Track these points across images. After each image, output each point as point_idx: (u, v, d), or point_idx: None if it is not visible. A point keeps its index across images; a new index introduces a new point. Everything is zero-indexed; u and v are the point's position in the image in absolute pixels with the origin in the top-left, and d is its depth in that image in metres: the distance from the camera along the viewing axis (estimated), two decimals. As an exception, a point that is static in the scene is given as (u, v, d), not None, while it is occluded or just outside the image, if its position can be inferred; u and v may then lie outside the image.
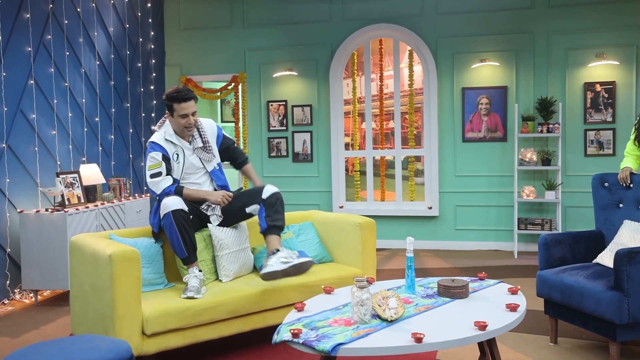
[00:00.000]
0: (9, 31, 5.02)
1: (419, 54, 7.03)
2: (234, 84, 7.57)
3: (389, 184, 7.36)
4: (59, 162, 5.60)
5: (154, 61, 7.48)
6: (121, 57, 6.79)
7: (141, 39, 7.21)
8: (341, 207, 7.30)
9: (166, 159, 3.69)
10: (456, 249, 6.96)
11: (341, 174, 7.35)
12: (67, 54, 5.77)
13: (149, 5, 7.38)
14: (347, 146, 7.40)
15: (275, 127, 7.49)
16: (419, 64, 7.09)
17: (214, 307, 3.33)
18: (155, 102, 7.50)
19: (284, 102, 7.44)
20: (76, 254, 3.50)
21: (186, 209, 3.53)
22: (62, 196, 5.04)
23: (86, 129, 6.07)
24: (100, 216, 5.29)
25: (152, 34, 7.45)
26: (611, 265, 3.53)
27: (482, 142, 6.86)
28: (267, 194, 3.70)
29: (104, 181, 5.72)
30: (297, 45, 7.39)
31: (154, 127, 3.89)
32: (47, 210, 4.94)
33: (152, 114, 7.45)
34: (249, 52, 7.53)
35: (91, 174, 5.57)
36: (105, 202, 5.51)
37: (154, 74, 7.49)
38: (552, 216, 6.65)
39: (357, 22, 7.17)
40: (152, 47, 7.45)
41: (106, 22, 6.49)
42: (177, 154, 3.75)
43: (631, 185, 3.86)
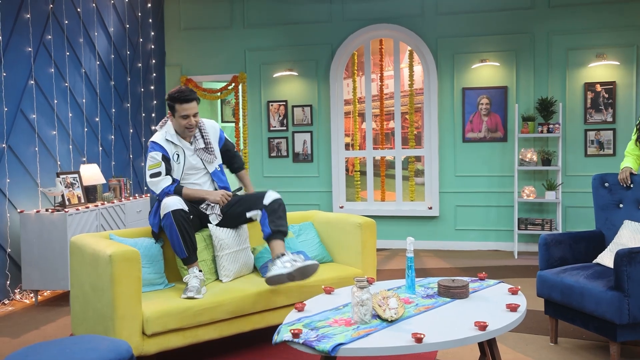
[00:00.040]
0: (9, 31, 5.02)
1: (419, 54, 7.03)
2: (234, 84, 7.57)
3: (389, 184, 7.36)
4: (59, 162, 5.60)
5: (154, 61, 7.48)
6: (121, 57, 6.79)
7: (141, 39, 7.21)
8: (341, 207, 7.30)
9: (166, 159, 3.69)
10: (456, 249, 6.96)
11: (341, 174, 7.35)
12: (68, 54, 5.77)
13: (149, 5, 7.38)
14: (347, 146, 7.40)
15: (275, 127, 7.49)
16: (419, 64, 7.09)
17: (214, 307, 3.33)
18: (155, 102, 7.50)
19: (284, 102, 7.44)
20: (76, 254, 3.50)
21: (186, 209, 3.53)
22: (63, 196, 5.04)
23: (86, 129, 6.08)
24: (100, 216, 5.29)
25: (153, 34, 7.45)
26: (611, 265, 3.52)
27: (482, 142, 6.86)
28: (268, 199, 3.68)
29: (104, 181, 5.72)
30: (297, 45, 7.39)
31: (155, 127, 3.89)
32: (47, 210, 4.95)
33: (152, 114, 7.45)
34: (249, 52, 7.53)
35: (91, 174, 5.57)
36: (105, 202, 5.51)
37: (154, 74, 7.50)
38: (553, 216, 6.64)
39: (357, 22, 7.17)
40: (153, 47, 7.45)
41: (106, 22, 6.49)
42: (177, 155, 3.75)
43: (631, 185, 3.86)
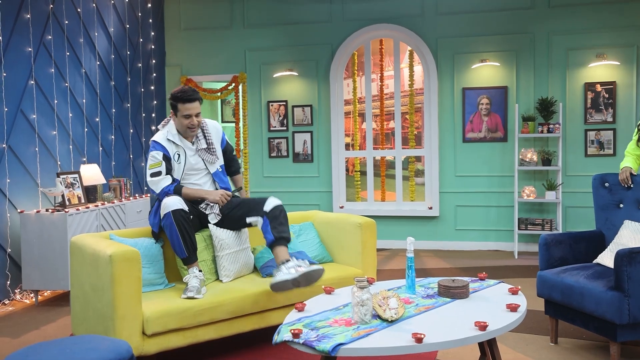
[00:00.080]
0: (9, 31, 5.02)
1: (419, 54, 7.03)
2: (234, 84, 7.57)
3: (389, 184, 7.36)
4: (59, 163, 5.60)
5: (154, 61, 7.48)
6: (121, 58, 6.79)
7: (141, 39, 7.21)
8: (341, 207, 7.30)
9: (167, 159, 3.69)
10: (456, 249, 6.96)
11: (341, 174, 7.35)
12: (68, 54, 5.77)
13: (150, 5, 7.38)
14: (347, 146, 7.40)
15: (275, 127, 7.49)
16: (419, 64, 7.09)
17: (214, 307, 3.33)
18: (155, 102, 7.50)
19: (285, 103, 7.44)
20: (76, 254, 3.50)
21: (186, 209, 3.53)
22: (63, 196, 5.04)
23: (86, 129, 6.08)
24: (100, 216, 5.29)
25: (153, 34, 7.45)
26: (611, 265, 3.52)
27: (482, 142, 6.86)
28: (269, 206, 3.65)
29: (104, 181, 5.72)
30: (297, 45, 7.39)
31: (158, 127, 3.89)
32: (47, 210, 4.95)
33: (153, 114, 7.45)
34: (249, 53, 7.53)
35: (91, 174, 5.57)
36: (105, 203, 5.51)
37: (155, 74, 7.50)
38: (553, 216, 6.64)
39: (358, 23, 7.17)
40: (153, 47, 7.45)
41: (106, 22, 6.49)
42: (178, 154, 3.75)
43: (631, 185, 3.85)
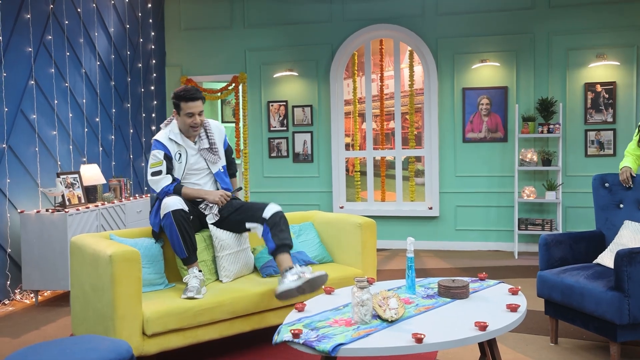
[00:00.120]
0: (9, 32, 5.02)
1: (419, 55, 7.03)
2: (234, 85, 7.57)
3: (389, 185, 7.36)
4: (59, 163, 5.60)
5: (154, 61, 7.48)
6: (122, 58, 6.79)
7: (141, 40, 7.21)
8: (341, 207, 7.30)
9: (168, 158, 3.70)
10: (456, 249, 6.96)
11: (341, 175, 7.35)
12: (68, 54, 5.77)
13: (150, 5, 7.38)
14: (347, 146, 7.40)
15: (275, 127, 7.49)
16: (420, 65, 7.09)
17: (214, 308, 3.33)
18: (155, 102, 7.50)
19: (285, 103, 7.44)
20: (77, 254, 3.50)
21: (187, 209, 3.53)
22: (63, 196, 5.04)
23: (87, 129, 6.08)
24: (100, 216, 5.29)
25: (153, 34, 7.45)
26: (611, 265, 3.52)
27: (482, 142, 6.86)
28: (269, 213, 3.63)
29: (104, 181, 5.72)
30: (297, 45, 7.39)
31: (160, 126, 3.89)
32: (47, 210, 4.94)
33: (153, 114, 7.45)
34: (250, 53, 7.53)
35: (92, 174, 5.57)
36: (105, 203, 5.51)
37: (155, 75, 7.50)
38: (553, 216, 6.64)
39: (358, 23, 7.17)
40: (153, 47, 7.45)
41: (107, 22, 6.49)
42: (179, 154, 3.75)
43: (631, 185, 3.85)
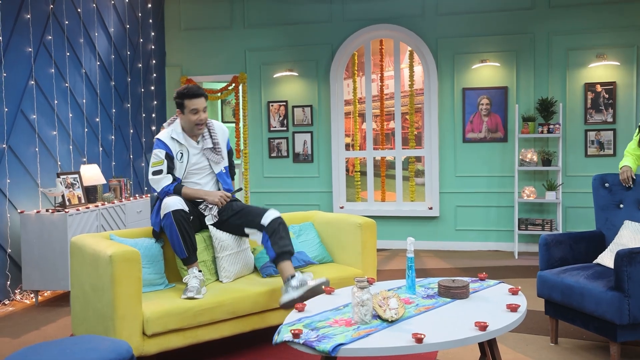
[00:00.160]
0: (9, 32, 5.02)
1: (419, 55, 7.03)
2: (234, 85, 7.57)
3: (389, 185, 7.36)
4: (59, 163, 5.60)
5: (154, 62, 7.48)
6: (122, 58, 6.79)
7: (142, 40, 7.21)
8: (342, 207, 7.30)
9: (169, 157, 3.70)
10: (457, 249, 6.96)
11: (342, 175, 7.35)
12: (68, 54, 5.77)
13: (150, 5, 7.38)
14: (347, 146, 7.40)
15: (275, 127, 7.49)
16: (420, 65, 7.09)
17: (214, 308, 3.33)
18: (155, 102, 7.50)
19: (285, 103, 7.44)
20: (77, 254, 3.50)
21: (187, 209, 3.53)
22: (63, 197, 5.04)
23: (87, 130, 6.08)
24: (100, 217, 5.29)
25: (153, 34, 7.45)
26: (611, 265, 3.52)
27: (482, 142, 6.86)
28: (267, 220, 3.62)
29: (104, 182, 5.72)
30: (297, 45, 7.39)
31: (163, 125, 3.89)
32: (47, 210, 4.94)
33: (153, 115, 7.45)
34: (250, 53, 7.53)
35: (92, 174, 5.57)
36: (105, 203, 5.51)
37: (155, 75, 7.49)
38: (553, 217, 6.64)
39: (358, 23, 7.17)
40: (153, 47, 7.45)
41: (107, 22, 6.49)
42: (181, 153, 3.75)
43: (631, 185, 3.85)
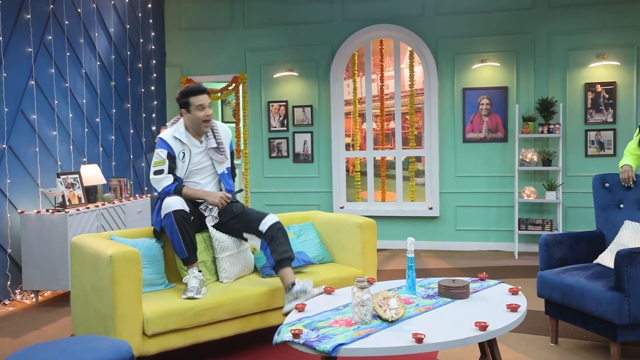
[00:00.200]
0: (9, 32, 5.02)
1: (419, 55, 7.03)
2: (234, 85, 7.57)
3: (389, 185, 7.36)
4: (59, 163, 5.60)
5: (154, 62, 7.48)
6: (122, 58, 6.79)
7: (142, 40, 7.21)
8: (342, 207, 7.30)
9: (171, 157, 3.70)
10: (457, 249, 6.96)
11: (342, 175, 7.35)
12: (68, 54, 5.77)
13: (150, 5, 7.38)
14: (347, 147, 7.40)
15: (275, 127, 7.49)
16: (420, 65, 7.09)
17: (214, 308, 3.33)
18: (155, 102, 7.50)
19: (285, 103, 7.44)
20: (77, 254, 3.50)
21: (187, 209, 3.53)
22: (63, 197, 5.04)
23: (87, 130, 6.08)
24: (100, 217, 5.29)
25: (153, 34, 7.45)
26: (612, 265, 3.52)
27: (482, 142, 6.86)
28: (265, 226, 3.60)
29: (104, 182, 5.72)
30: (297, 45, 7.39)
31: (167, 124, 3.90)
32: (47, 210, 4.94)
33: (153, 115, 7.45)
34: (250, 53, 7.53)
35: (92, 174, 5.57)
36: (105, 203, 5.51)
37: (155, 75, 7.49)
38: (553, 217, 6.64)
39: (358, 23, 7.17)
40: (153, 47, 7.45)
41: (107, 22, 6.49)
42: (183, 153, 3.75)
43: (632, 185, 3.84)
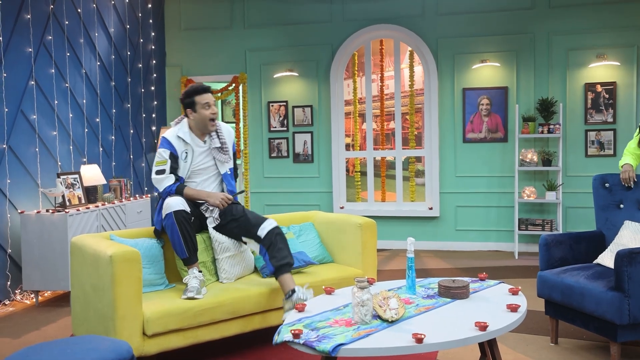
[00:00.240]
0: (9, 32, 5.02)
1: (419, 55, 7.03)
2: (234, 85, 7.57)
3: (389, 185, 7.36)
4: (59, 163, 5.60)
5: (154, 62, 7.48)
6: (122, 58, 6.79)
7: (142, 40, 7.21)
8: (342, 207, 7.30)
9: (173, 157, 3.70)
10: (457, 249, 6.95)
11: (342, 175, 7.35)
12: (68, 54, 5.77)
13: (150, 5, 7.38)
14: (347, 147, 7.40)
15: (275, 127, 7.49)
16: (420, 65, 7.09)
17: (214, 308, 3.34)
18: (156, 102, 7.50)
19: (285, 103, 7.44)
20: (77, 254, 3.51)
21: (188, 209, 3.53)
22: (63, 197, 5.04)
23: (87, 130, 6.08)
24: (101, 217, 5.29)
25: (153, 34, 7.45)
26: (612, 265, 3.52)
27: (482, 142, 6.86)
28: (263, 232, 3.60)
29: (104, 182, 5.72)
30: (297, 45, 7.39)
31: (171, 123, 3.91)
32: (47, 211, 4.94)
33: (153, 115, 7.45)
34: (250, 53, 7.53)
35: (92, 174, 5.57)
36: (106, 203, 5.51)
37: (155, 75, 7.49)
38: (553, 217, 6.64)
39: (358, 23, 7.17)
40: (153, 47, 7.45)
41: (107, 22, 6.49)
42: (186, 153, 3.75)
43: (631, 185, 3.84)
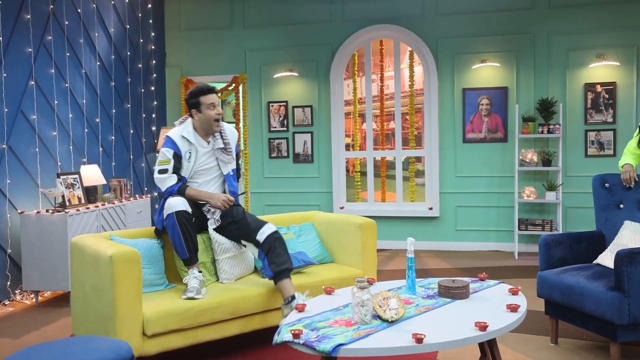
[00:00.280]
0: (9, 32, 5.02)
1: (419, 55, 7.04)
2: (234, 85, 7.57)
3: (389, 185, 7.36)
4: (59, 163, 5.60)
5: (154, 62, 7.48)
6: (122, 58, 6.79)
7: (142, 40, 7.21)
8: (342, 207, 7.30)
9: (177, 157, 3.70)
10: (457, 249, 6.96)
11: (342, 175, 7.35)
12: (68, 54, 5.77)
13: (150, 6, 7.38)
14: (347, 147, 7.40)
15: (275, 127, 7.49)
16: (420, 65, 7.09)
17: (214, 308, 3.34)
18: (155, 102, 7.50)
19: (285, 103, 7.44)
20: (77, 254, 3.51)
21: (190, 210, 3.53)
22: (63, 197, 5.04)
23: (87, 130, 6.08)
24: (100, 217, 5.29)
25: (153, 34, 7.45)
26: (612, 265, 3.52)
27: (482, 142, 6.86)
28: (262, 236, 3.60)
29: (104, 182, 5.72)
30: (297, 46, 7.39)
31: (175, 122, 3.91)
32: (47, 211, 4.94)
33: (153, 115, 7.45)
34: (250, 53, 7.53)
35: (92, 174, 5.57)
36: (105, 203, 5.51)
37: (155, 75, 7.49)
38: (553, 217, 6.64)
39: (358, 23, 7.17)
40: (153, 47, 7.45)
41: (107, 22, 6.49)
42: (189, 153, 3.75)
43: (631, 186, 3.84)
